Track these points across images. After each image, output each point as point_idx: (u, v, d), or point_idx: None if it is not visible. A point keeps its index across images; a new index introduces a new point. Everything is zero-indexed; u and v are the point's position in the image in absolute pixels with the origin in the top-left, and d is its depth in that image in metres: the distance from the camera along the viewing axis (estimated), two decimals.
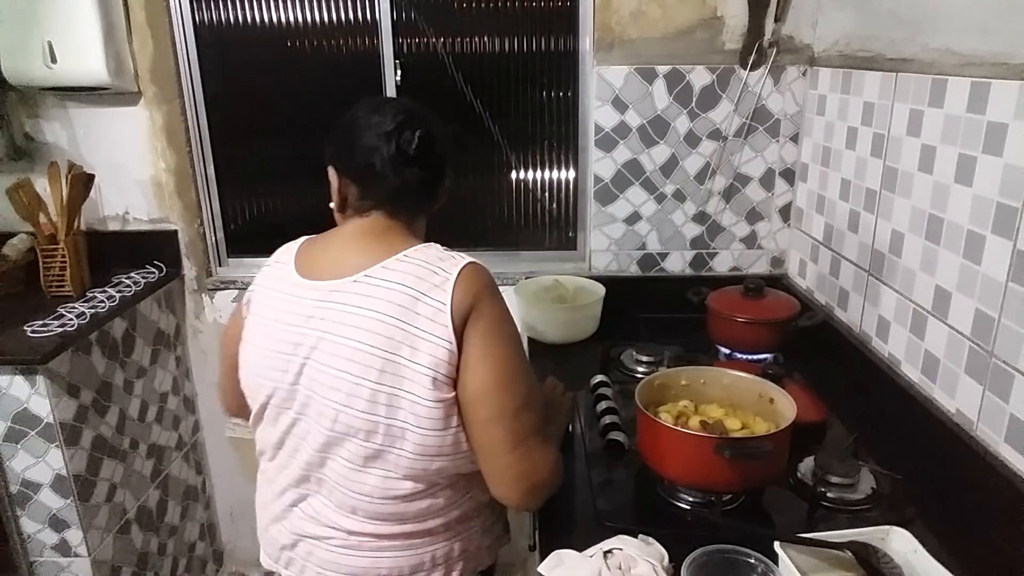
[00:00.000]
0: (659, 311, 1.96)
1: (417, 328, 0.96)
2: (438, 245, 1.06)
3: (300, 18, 1.99)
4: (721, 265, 2.04)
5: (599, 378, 1.58)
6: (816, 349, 1.65)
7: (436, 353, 0.95)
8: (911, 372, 1.35)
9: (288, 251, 1.13)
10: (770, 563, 0.94)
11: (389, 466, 1.01)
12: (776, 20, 1.81)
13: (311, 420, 1.03)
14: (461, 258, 1.02)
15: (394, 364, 0.96)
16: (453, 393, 0.98)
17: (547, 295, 1.91)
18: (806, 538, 0.96)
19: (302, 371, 1.02)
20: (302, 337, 1.01)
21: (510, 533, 1.26)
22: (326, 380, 0.99)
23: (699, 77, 1.86)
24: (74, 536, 1.77)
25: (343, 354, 0.98)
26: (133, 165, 2.05)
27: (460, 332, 0.97)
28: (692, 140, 1.92)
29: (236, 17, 1.99)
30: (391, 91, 2.01)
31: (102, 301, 1.87)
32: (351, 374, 0.97)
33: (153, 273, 2.07)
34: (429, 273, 0.99)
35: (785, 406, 1.17)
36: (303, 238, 1.16)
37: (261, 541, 1.19)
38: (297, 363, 1.02)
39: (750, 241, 2.01)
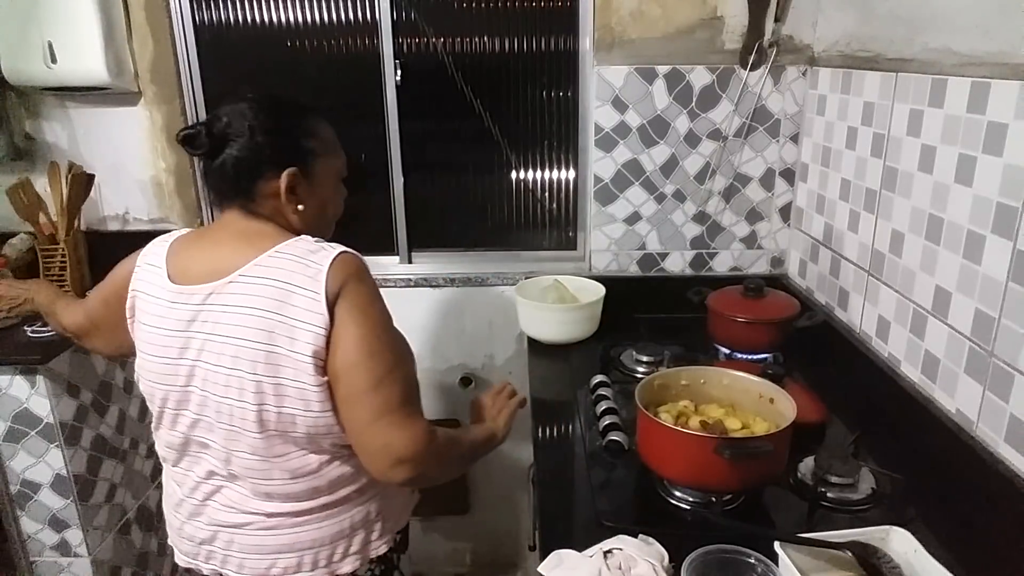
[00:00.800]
0: (659, 311, 1.96)
1: (294, 319, 0.99)
2: (309, 238, 1.07)
3: (300, 18, 1.99)
4: (721, 265, 2.04)
5: (599, 378, 1.58)
6: (816, 349, 1.65)
7: (315, 341, 0.99)
8: (911, 372, 1.35)
9: (158, 253, 1.13)
10: (770, 563, 0.94)
11: (291, 448, 1.06)
12: (776, 20, 1.81)
13: (211, 419, 1.06)
14: (333, 248, 1.04)
15: (275, 355, 1.00)
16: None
17: (547, 296, 1.91)
18: (806, 538, 0.96)
19: (193, 373, 1.05)
20: (187, 341, 1.05)
21: (417, 492, 1.32)
22: (217, 379, 1.03)
23: (699, 77, 1.86)
24: (74, 536, 1.77)
25: (228, 352, 1.01)
26: (133, 165, 2.05)
27: (333, 317, 1.01)
28: (692, 140, 1.92)
29: (236, 17, 1.99)
30: (391, 91, 2.01)
31: None
32: (240, 370, 1.01)
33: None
34: (302, 266, 1.01)
35: (785, 406, 1.17)
36: (174, 234, 1.17)
37: (174, 543, 1.20)
38: (186, 367, 1.06)
39: (750, 241, 2.02)
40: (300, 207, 1.09)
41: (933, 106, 1.27)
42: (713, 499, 1.16)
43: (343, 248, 1.05)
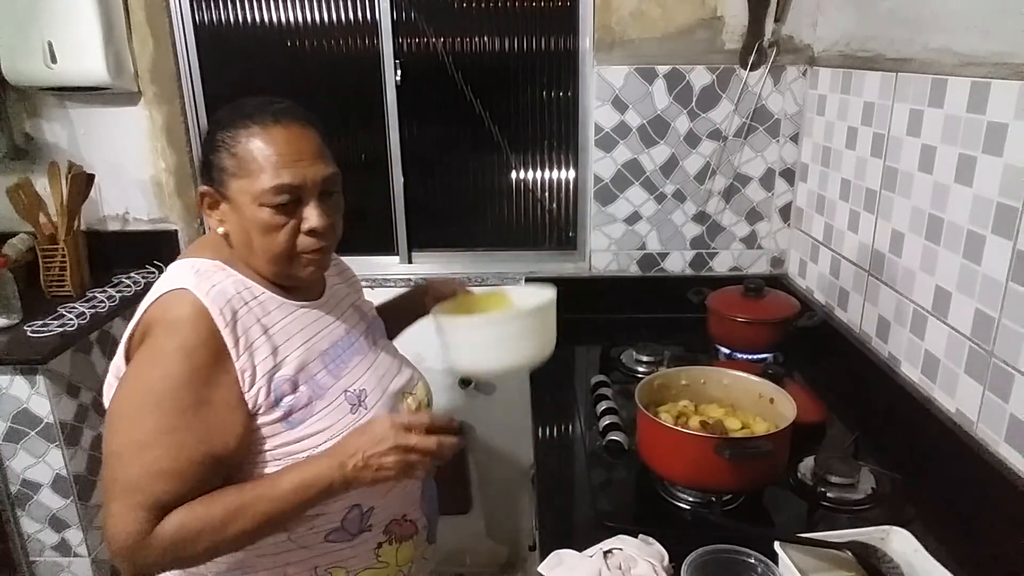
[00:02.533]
0: (659, 311, 1.96)
1: (116, 355, 0.98)
2: (194, 260, 1.00)
3: (300, 18, 1.99)
4: (721, 265, 2.04)
5: (599, 378, 1.58)
6: (816, 349, 1.65)
7: (108, 386, 0.98)
8: (911, 372, 1.35)
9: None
10: (770, 563, 0.94)
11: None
12: (776, 20, 1.81)
13: None
14: (170, 283, 0.95)
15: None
16: None
17: (474, 309, 1.32)
18: (806, 538, 0.96)
19: None
20: None
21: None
22: None
23: (699, 77, 1.86)
24: (74, 536, 1.77)
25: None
26: (133, 165, 2.05)
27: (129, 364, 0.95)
28: (692, 140, 1.92)
29: (236, 17, 1.99)
30: (391, 91, 2.01)
31: (102, 301, 1.87)
32: None
33: (153, 273, 2.07)
34: (149, 294, 0.97)
35: (785, 406, 1.17)
36: None
37: None
38: None
39: (750, 241, 2.01)
40: (220, 230, 1.01)
41: (933, 106, 1.27)
42: (713, 499, 1.16)
43: (180, 287, 0.94)
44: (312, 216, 0.98)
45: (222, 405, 0.92)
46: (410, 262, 2.16)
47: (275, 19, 1.99)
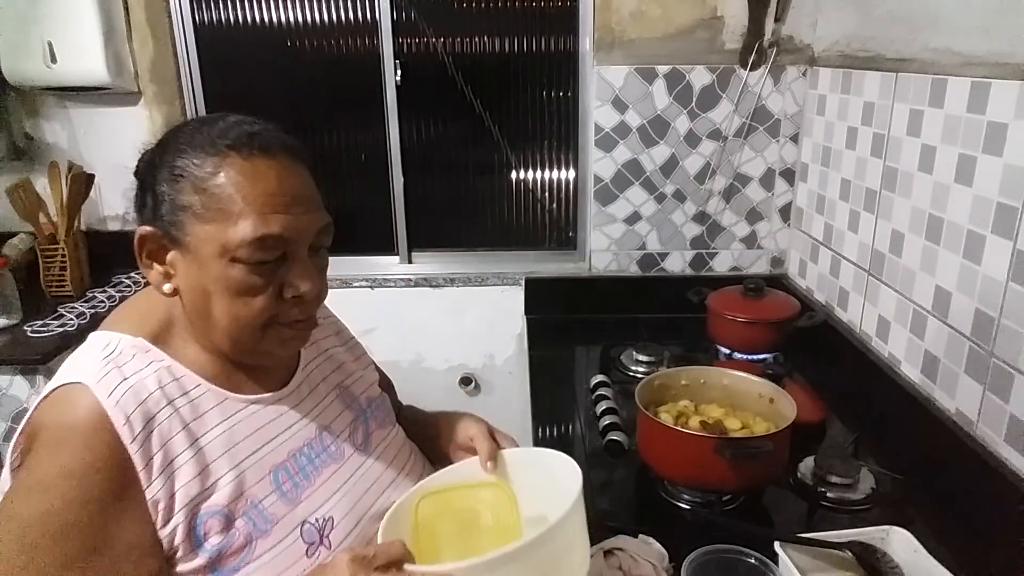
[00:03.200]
0: (659, 311, 1.96)
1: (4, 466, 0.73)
2: (109, 335, 0.77)
3: (300, 18, 1.99)
4: (721, 265, 2.04)
5: (599, 378, 1.57)
6: (816, 349, 1.65)
7: None
8: (911, 372, 1.35)
9: None
10: (770, 563, 0.94)
11: None
12: (776, 20, 1.81)
13: None
14: (75, 372, 0.72)
15: None
16: None
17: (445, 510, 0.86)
18: (806, 538, 0.96)
19: None
20: None
21: None
22: None
23: (699, 77, 1.86)
24: None
25: None
26: (133, 165, 2.04)
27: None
28: (692, 140, 1.91)
29: (236, 17, 1.99)
30: (391, 91, 2.01)
31: (102, 301, 1.87)
32: None
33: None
34: (59, 371, 0.74)
35: (785, 406, 1.17)
36: None
37: None
38: None
39: (750, 241, 2.01)
40: (166, 287, 0.77)
41: (933, 106, 1.27)
42: (713, 499, 1.16)
43: (75, 380, 0.71)
44: (301, 278, 0.75)
45: (124, 552, 0.67)
46: (410, 262, 2.17)
47: (275, 19, 1.99)
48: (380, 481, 0.89)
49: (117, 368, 0.73)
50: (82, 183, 1.93)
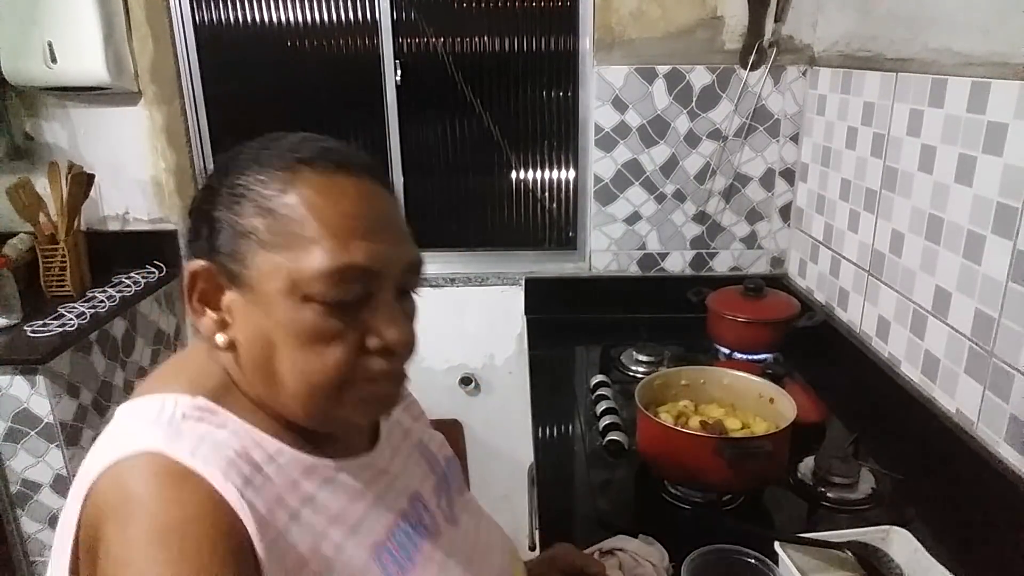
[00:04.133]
0: (659, 311, 1.96)
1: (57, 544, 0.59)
2: (162, 398, 0.60)
3: (300, 18, 1.98)
4: (721, 265, 2.04)
5: (599, 378, 1.57)
6: (816, 349, 1.65)
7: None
8: (911, 372, 1.35)
9: None
10: (770, 563, 0.94)
11: None
12: (776, 20, 1.81)
13: None
14: (135, 441, 0.56)
15: None
16: None
17: None
18: (806, 538, 0.96)
19: None
20: None
21: None
22: None
23: (699, 77, 1.86)
24: None
25: None
26: (133, 165, 2.05)
27: (78, 560, 0.56)
28: (692, 140, 1.91)
29: (236, 17, 1.99)
30: (391, 91, 2.01)
31: (102, 301, 1.87)
32: None
33: (153, 273, 2.07)
34: (91, 457, 0.58)
35: (785, 406, 1.17)
36: None
37: None
38: None
39: (750, 241, 2.01)
40: (220, 338, 0.62)
41: (933, 106, 1.27)
42: (713, 499, 1.16)
43: (144, 449, 0.55)
44: (389, 324, 0.61)
45: None
46: None
47: (275, 19, 1.99)
48: (473, 559, 0.76)
49: (187, 430, 0.57)
50: (82, 183, 1.92)
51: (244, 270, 0.60)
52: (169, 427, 0.57)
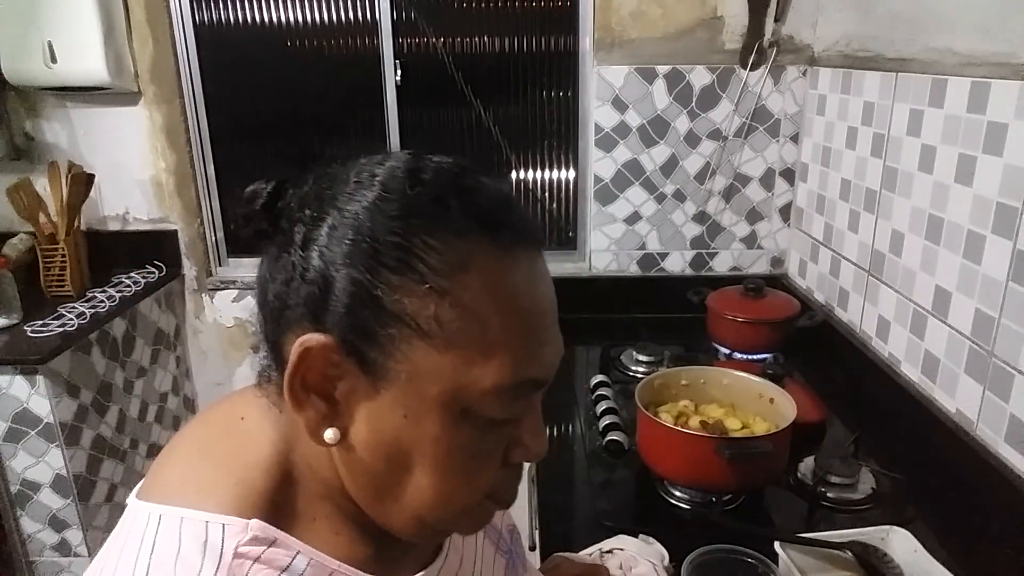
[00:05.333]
0: (659, 311, 1.96)
1: None
2: (201, 520, 0.47)
3: (300, 18, 1.98)
4: (721, 265, 2.04)
5: (599, 378, 1.57)
6: (816, 349, 1.65)
7: None
8: (911, 372, 1.35)
9: None
10: (770, 563, 0.94)
11: None
12: (776, 20, 1.81)
13: None
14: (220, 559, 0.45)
15: None
16: None
17: None
18: (806, 538, 0.96)
19: None
20: None
21: None
22: None
23: (699, 77, 1.86)
24: (74, 536, 1.77)
25: None
26: (133, 165, 2.05)
27: None
28: (692, 140, 1.91)
29: (236, 17, 1.99)
30: (391, 91, 2.01)
31: (102, 301, 1.87)
32: None
33: (153, 273, 2.07)
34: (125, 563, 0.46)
35: (785, 406, 1.17)
36: None
37: None
38: None
39: (750, 241, 2.01)
40: (330, 434, 0.47)
41: (933, 106, 1.27)
42: (713, 499, 1.15)
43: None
44: (538, 434, 0.52)
45: None
46: None
47: (275, 19, 1.99)
48: None
49: None
50: (82, 183, 1.92)
51: (387, 360, 0.45)
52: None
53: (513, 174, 2.11)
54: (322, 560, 0.49)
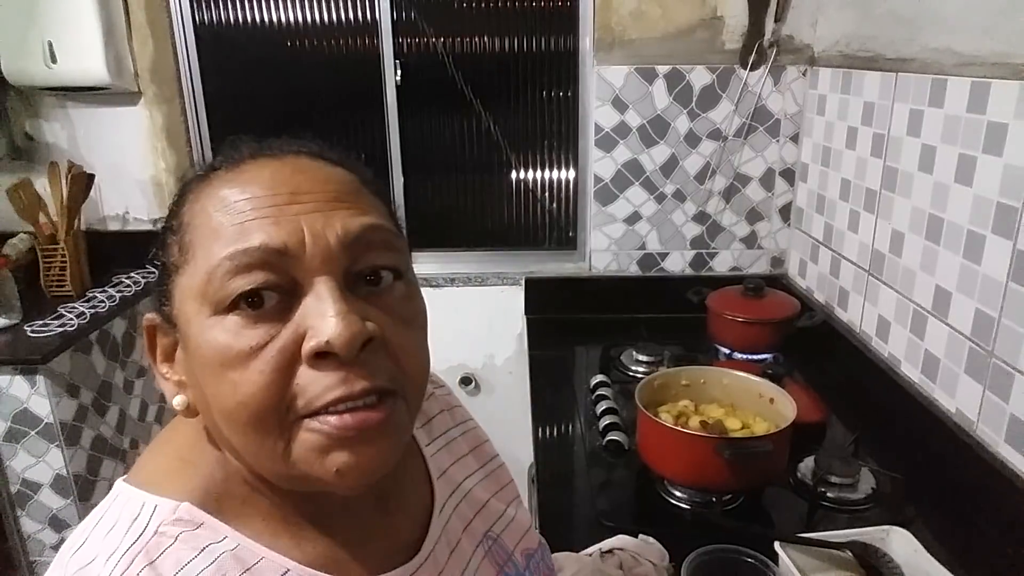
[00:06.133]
0: (659, 311, 1.96)
1: None
2: (141, 498, 0.49)
3: (300, 18, 1.98)
4: (721, 265, 2.04)
5: (599, 378, 1.57)
6: (816, 349, 1.65)
7: None
8: (911, 372, 1.35)
9: None
10: (770, 563, 0.94)
11: None
12: (776, 20, 1.81)
13: None
14: (88, 556, 0.47)
15: None
16: None
17: None
18: (806, 538, 0.96)
19: None
20: None
21: None
22: None
23: (699, 77, 1.86)
24: None
25: None
26: (133, 165, 2.05)
27: None
28: (692, 140, 1.91)
29: (236, 17, 1.99)
30: (391, 91, 2.01)
31: (102, 301, 1.87)
32: None
33: (153, 273, 2.06)
34: (63, 559, 0.49)
35: (785, 406, 1.17)
36: None
37: None
38: None
39: (750, 241, 2.01)
40: (177, 401, 0.51)
41: (933, 106, 1.27)
42: (713, 499, 1.15)
43: None
44: (322, 315, 0.45)
45: None
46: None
47: (275, 19, 1.99)
48: None
49: (150, 566, 0.45)
50: (82, 183, 1.93)
51: (172, 309, 0.49)
52: (132, 559, 0.45)
53: (513, 174, 2.11)
54: (249, 547, 0.49)
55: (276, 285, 0.45)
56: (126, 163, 2.05)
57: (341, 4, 1.97)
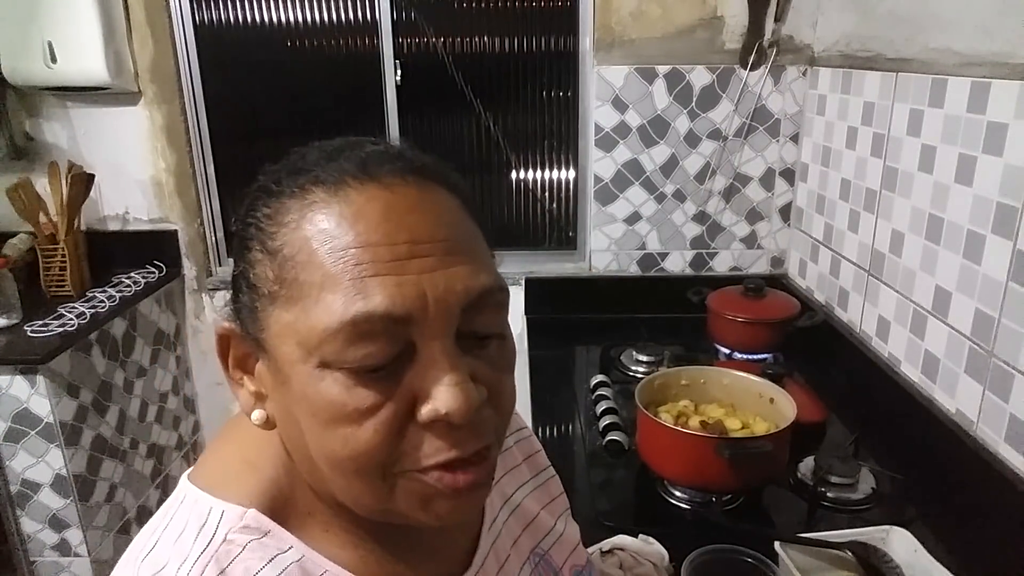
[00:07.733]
0: (659, 311, 1.96)
1: None
2: (208, 503, 0.50)
3: (300, 18, 1.98)
4: (721, 265, 2.04)
5: (599, 378, 1.57)
6: (816, 349, 1.65)
7: None
8: (911, 372, 1.35)
9: None
10: (770, 563, 0.94)
11: None
12: (776, 20, 1.81)
13: None
14: (156, 565, 0.48)
15: None
16: None
17: None
18: (806, 538, 0.96)
19: None
20: None
21: None
22: None
23: (699, 77, 1.86)
24: (74, 536, 1.77)
25: None
26: (133, 165, 2.05)
27: None
28: (692, 140, 1.91)
29: (236, 17, 1.99)
30: (391, 91, 2.01)
31: (102, 301, 1.87)
32: None
33: (153, 273, 2.07)
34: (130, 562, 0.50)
35: (785, 406, 1.17)
36: None
37: None
38: None
39: (750, 241, 2.01)
40: (257, 415, 0.50)
41: (933, 106, 1.27)
42: (713, 499, 1.15)
43: None
44: (439, 383, 0.44)
45: None
46: None
47: (275, 19, 1.99)
48: None
49: (221, 575, 0.46)
50: (82, 183, 1.93)
51: (260, 333, 0.47)
52: (203, 568, 0.46)
53: (513, 174, 2.11)
54: (314, 559, 0.50)
55: (391, 352, 0.44)
56: (126, 163, 2.05)
57: (341, 4, 1.97)
